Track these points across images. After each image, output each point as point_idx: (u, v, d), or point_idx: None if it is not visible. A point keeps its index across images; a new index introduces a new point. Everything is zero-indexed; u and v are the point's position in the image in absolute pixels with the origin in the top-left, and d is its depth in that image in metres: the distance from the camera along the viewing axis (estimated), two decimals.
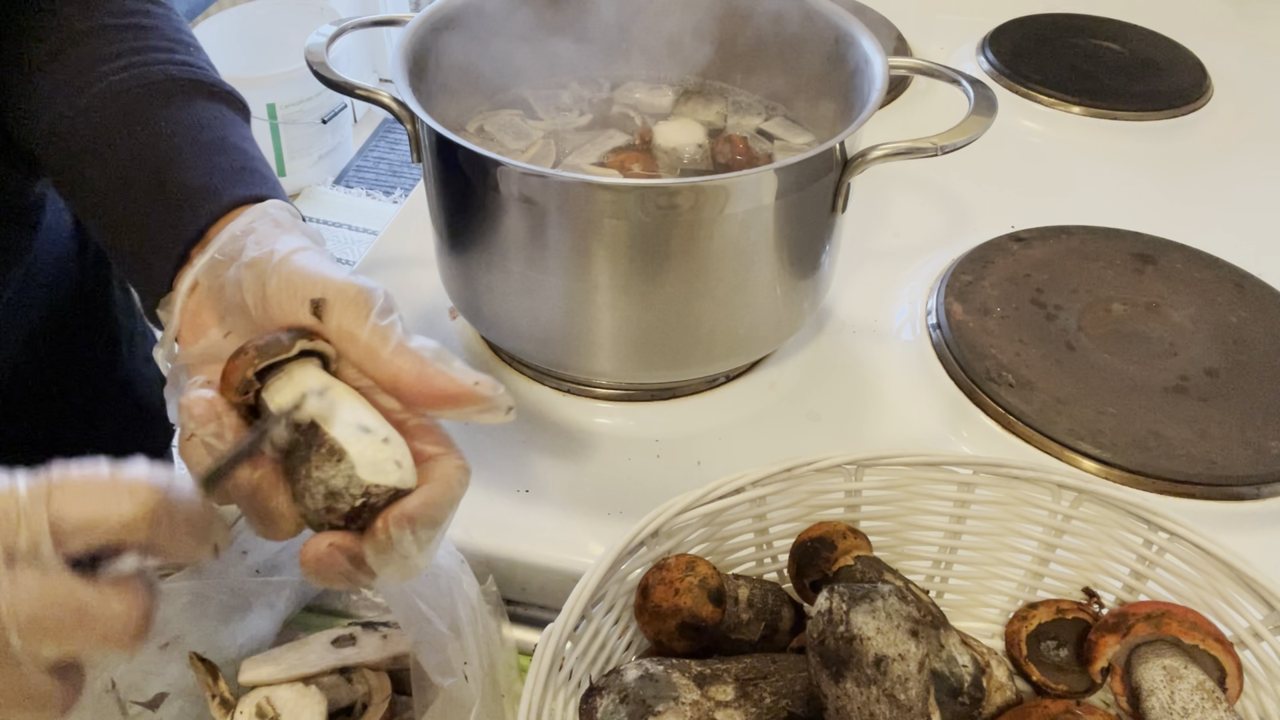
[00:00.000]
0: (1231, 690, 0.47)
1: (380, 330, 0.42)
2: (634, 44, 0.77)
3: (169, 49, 0.55)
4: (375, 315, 0.42)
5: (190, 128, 0.52)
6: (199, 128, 0.52)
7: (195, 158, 0.51)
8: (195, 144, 0.51)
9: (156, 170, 0.50)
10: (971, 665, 0.44)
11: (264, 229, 0.47)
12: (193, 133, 0.52)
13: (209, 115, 0.53)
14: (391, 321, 0.42)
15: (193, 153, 0.51)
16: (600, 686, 0.45)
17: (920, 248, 0.84)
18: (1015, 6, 1.16)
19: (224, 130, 0.53)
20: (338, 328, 0.42)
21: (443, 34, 0.68)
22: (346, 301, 0.42)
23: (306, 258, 0.44)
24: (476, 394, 0.41)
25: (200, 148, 0.51)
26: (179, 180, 0.49)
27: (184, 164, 0.50)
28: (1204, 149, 0.98)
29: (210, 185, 0.49)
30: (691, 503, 0.50)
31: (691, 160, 0.71)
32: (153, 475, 0.36)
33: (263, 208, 0.48)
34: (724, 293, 0.62)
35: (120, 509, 0.35)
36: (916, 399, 0.70)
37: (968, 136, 0.61)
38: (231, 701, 0.54)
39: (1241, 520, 0.62)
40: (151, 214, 0.49)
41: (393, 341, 0.42)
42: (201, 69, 0.56)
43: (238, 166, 0.51)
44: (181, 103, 0.53)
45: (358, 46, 2.79)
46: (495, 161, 0.57)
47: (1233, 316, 0.75)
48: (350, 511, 0.39)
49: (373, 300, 0.42)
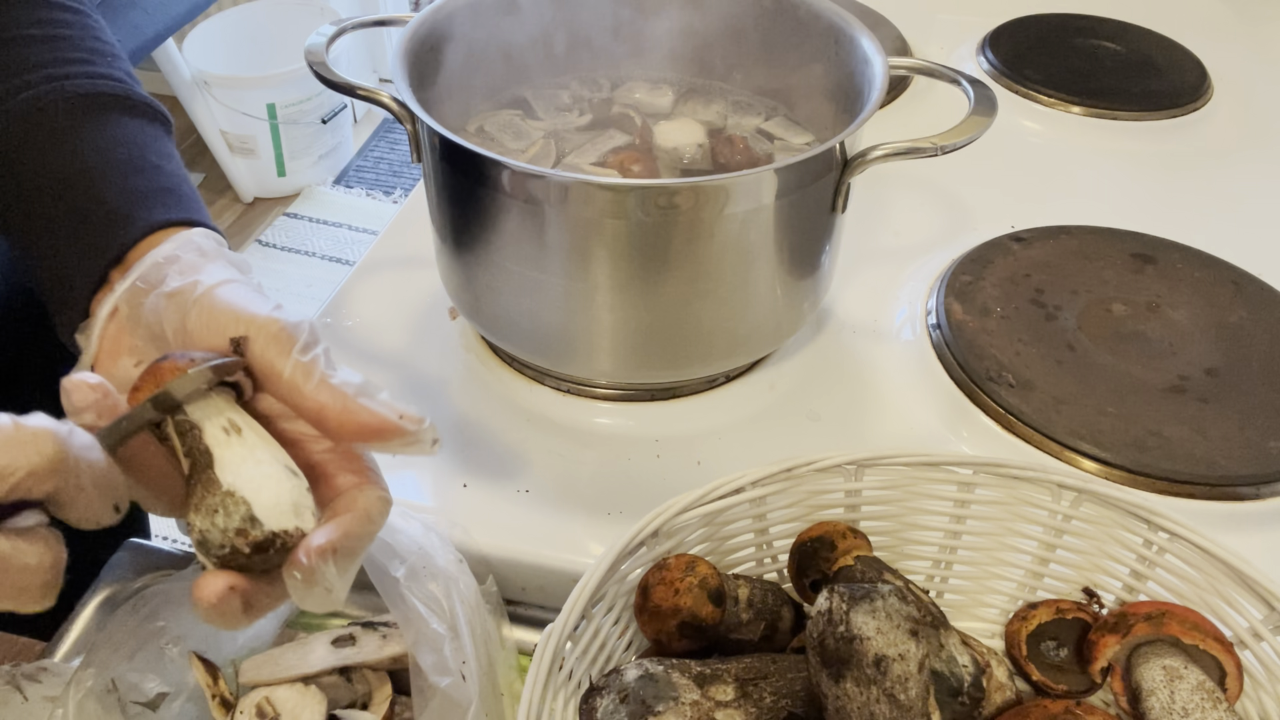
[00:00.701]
0: (1231, 690, 0.47)
1: (303, 366, 0.41)
2: (634, 44, 0.77)
3: (86, 60, 0.53)
4: (297, 351, 0.42)
5: (107, 146, 0.51)
6: (116, 145, 0.51)
7: (112, 178, 0.49)
8: (112, 163, 0.50)
9: (71, 191, 0.49)
10: (971, 665, 0.44)
11: (188, 257, 0.46)
12: (109, 151, 0.50)
13: (127, 132, 0.52)
14: (314, 357, 0.42)
15: (110, 173, 0.49)
16: (600, 686, 0.45)
17: (920, 248, 0.84)
18: (1015, 6, 1.16)
19: (142, 149, 0.52)
20: (260, 364, 0.42)
21: (443, 34, 0.68)
22: (269, 338, 0.42)
23: (231, 291, 0.44)
24: (399, 427, 0.41)
25: (117, 167, 0.50)
26: (95, 201, 0.48)
27: (99, 184, 0.49)
28: (1204, 149, 0.98)
29: (127, 207, 0.48)
30: (691, 503, 0.50)
31: (691, 160, 0.71)
32: (56, 426, 0.35)
33: (188, 235, 0.47)
34: (724, 293, 0.62)
35: (26, 457, 0.34)
36: (916, 399, 0.70)
37: (968, 136, 0.61)
38: (232, 701, 0.54)
39: (1241, 520, 0.63)
40: (66, 238, 0.48)
41: (315, 377, 0.41)
42: (120, 81, 0.54)
43: (157, 187, 0.50)
44: (98, 119, 0.51)
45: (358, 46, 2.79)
46: (495, 161, 0.57)
47: (1233, 316, 0.75)
48: (259, 543, 0.39)
49: (295, 335, 0.42)
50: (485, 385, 0.71)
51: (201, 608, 0.39)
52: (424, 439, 0.42)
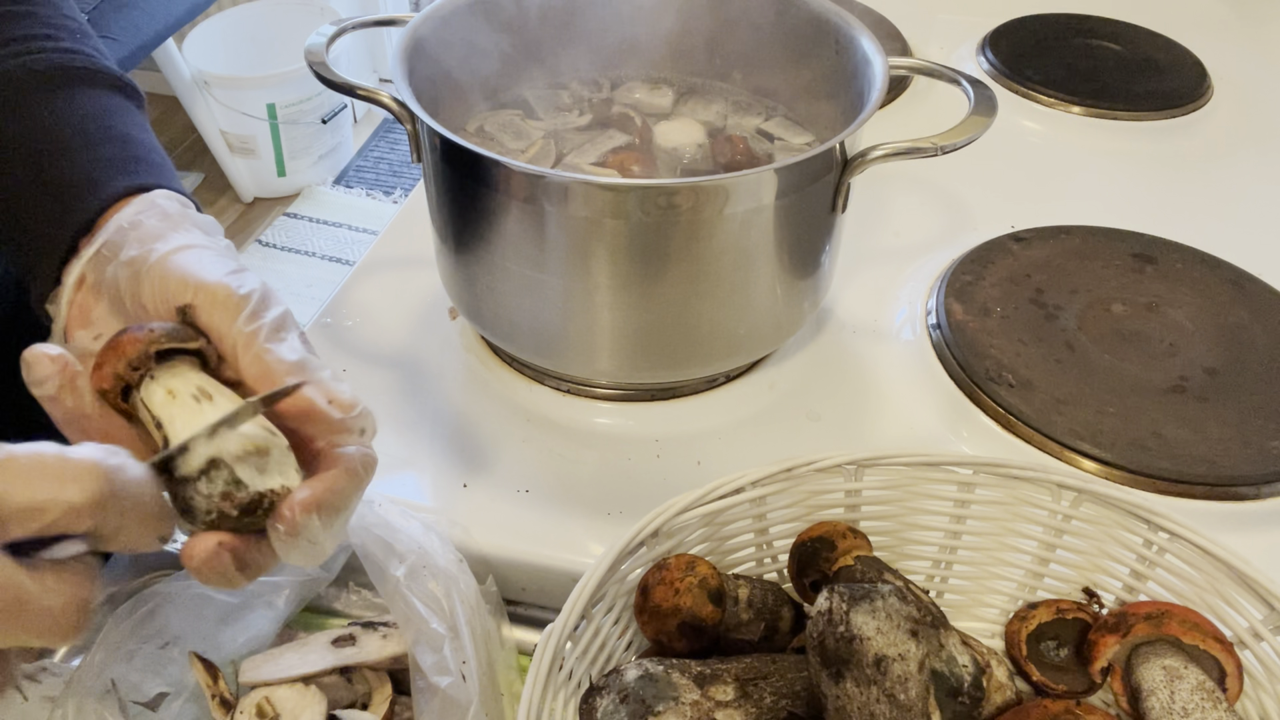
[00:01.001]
0: (1231, 690, 0.47)
1: (243, 335, 0.41)
2: (633, 44, 0.77)
3: (53, 35, 0.53)
4: (243, 319, 0.41)
5: (75, 117, 0.50)
6: (85, 117, 0.50)
7: (80, 148, 0.49)
8: (80, 134, 0.49)
9: (39, 162, 0.48)
10: (971, 665, 0.44)
11: (150, 223, 0.45)
12: (78, 122, 0.50)
13: (96, 104, 0.51)
14: (257, 326, 0.41)
15: (78, 143, 0.49)
16: (600, 686, 0.45)
17: (920, 248, 0.84)
18: (1015, 6, 1.16)
19: (111, 119, 0.51)
20: (208, 330, 0.41)
21: (443, 34, 0.68)
22: (214, 304, 0.41)
23: (185, 257, 0.43)
24: (324, 414, 0.40)
25: (85, 137, 0.49)
26: (63, 172, 0.48)
27: (68, 155, 0.48)
28: (1204, 149, 0.98)
29: (94, 176, 0.48)
30: (691, 503, 0.50)
31: (691, 160, 0.71)
32: (103, 459, 0.34)
33: (150, 198, 0.47)
34: (724, 293, 0.62)
35: (66, 494, 0.33)
36: (916, 399, 0.70)
37: (968, 136, 0.61)
38: (232, 701, 0.54)
39: (1241, 520, 0.62)
40: (35, 207, 0.48)
41: (252, 348, 0.41)
42: (89, 55, 0.53)
43: (126, 155, 0.49)
44: (66, 91, 0.51)
45: (358, 46, 2.79)
46: (495, 161, 0.57)
47: (1233, 316, 0.75)
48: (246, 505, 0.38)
49: (242, 302, 0.41)
50: (485, 385, 0.71)
51: (193, 567, 0.38)
52: (351, 428, 0.41)
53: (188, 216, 0.47)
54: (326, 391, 0.40)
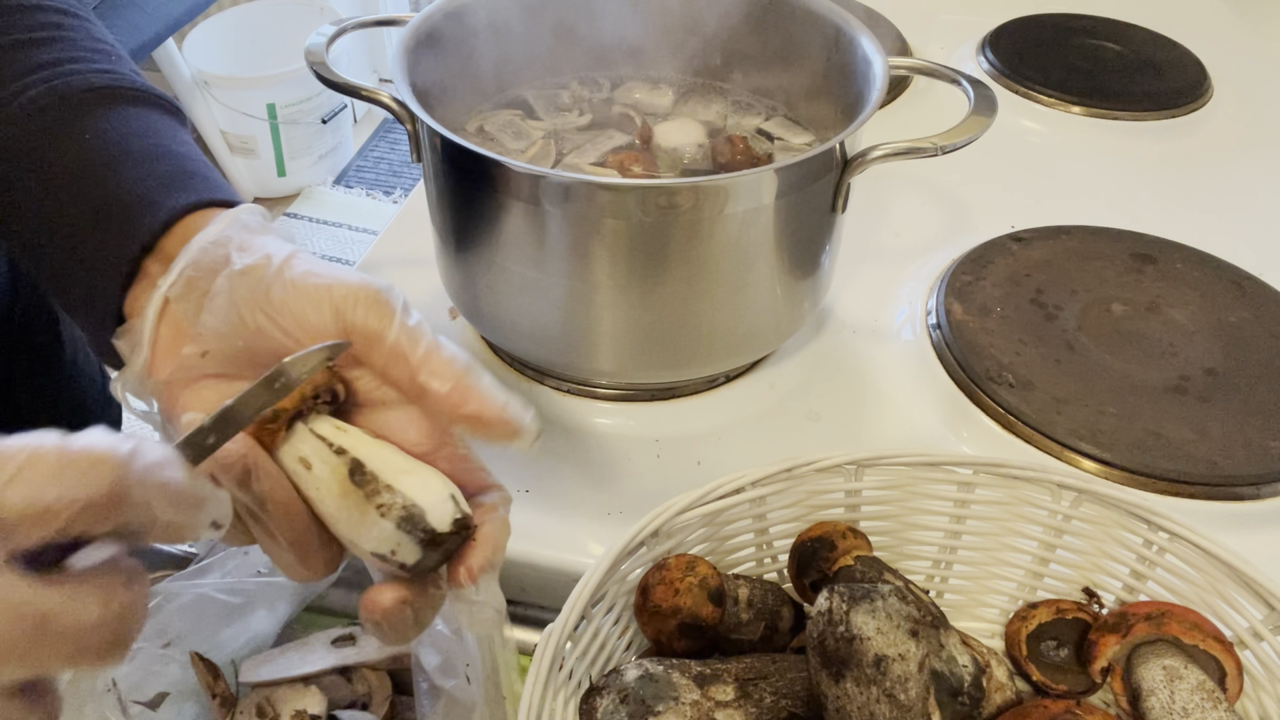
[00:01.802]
0: (1231, 690, 0.47)
1: (409, 332, 0.38)
2: (634, 44, 0.77)
3: (87, 58, 0.50)
4: (400, 315, 0.38)
5: (119, 137, 0.47)
6: (129, 136, 0.47)
7: (127, 168, 0.45)
8: (126, 154, 0.46)
9: (84, 188, 0.45)
10: (971, 665, 0.44)
11: (241, 235, 0.42)
12: (122, 141, 0.47)
13: (139, 123, 0.48)
14: (419, 322, 0.39)
15: (124, 163, 0.46)
16: (600, 686, 0.45)
17: (920, 248, 0.84)
18: (1015, 6, 1.16)
19: (157, 136, 0.48)
20: (363, 332, 0.38)
21: (443, 34, 0.68)
22: (369, 304, 0.39)
23: (307, 260, 0.41)
24: (506, 420, 0.38)
25: (131, 157, 0.46)
26: (111, 195, 0.45)
27: (115, 177, 0.45)
28: (1204, 149, 0.98)
29: (149, 195, 0.44)
30: (691, 503, 0.50)
31: (691, 160, 0.71)
32: (112, 446, 0.30)
33: (234, 214, 0.44)
34: (724, 293, 0.62)
35: (77, 489, 0.29)
36: (916, 399, 0.70)
37: (968, 136, 0.61)
38: (232, 701, 0.54)
39: (1241, 520, 0.63)
40: (83, 236, 0.44)
41: (423, 345, 0.38)
42: (125, 75, 0.51)
43: (177, 171, 0.46)
44: (105, 111, 0.48)
45: (358, 46, 2.79)
46: (495, 161, 0.57)
47: (1233, 316, 0.75)
48: (432, 539, 0.37)
49: (395, 299, 0.39)
50: None
51: (374, 620, 0.37)
52: (527, 434, 0.39)
53: (271, 228, 0.44)
54: (499, 396, 0.39)
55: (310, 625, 0.59)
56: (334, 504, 0.38)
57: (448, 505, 0.38)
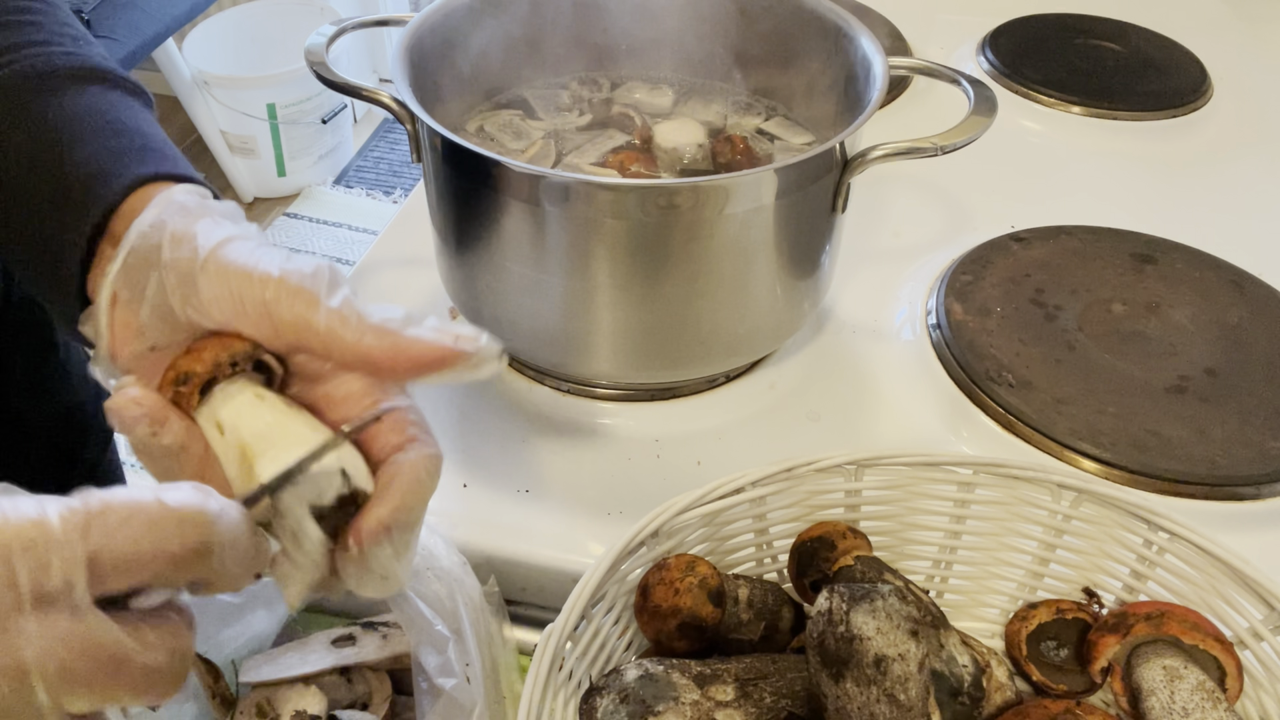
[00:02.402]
0: (1231, 690, 0.47)
1: (336, 313, 0.38)
2: (634, 44, 0.77)
3: (54, 41, 0.50)
4: (324, 298, 0.39)
5: (79, 115, 0.47)
6: (89, 113, 0.47)
7: (84, 144, 0.45)
8: (87, 130, 0.46)
9: (44, 163, 0.45)
10: (971, 665, 0.44)
11: (176, 221, 0.42)
12: (82, 119, 0.46)
13: (100, 101, 0.48)
14: (344, 299, 0.39)
15: (82, 139, 0.45)
16: (600, 686, 0.45)
17: (920, 248, 0.84)
18: (1015, 6, 1.16)
19: (116, 113, 0.48)
20: (291, 322, 0.39)
21: (442, 34, 0.68)
22: (291, 295, 0.39)
23: (234, 250, 0.40)
24: (458, 351, 0.38)
25: (91, 133, 0.46)
26: (69, 168, 0.44)
27: (74, 151, 0.45)
28: (1204, 149, 0.98)
29: (104, 169, 0.44)
30: (691, 503, 0.50)
31: (692, 160, 0.71)
32: (205, 504, 0.32)
33: (167, 195, 0.43)
34: (724, 293, 0.62)
35: (170, 544, 0.31)
36: (916, 399, 0.70)
37: (968, 136, 0.61)
38: (232, 701, 0.54)
39: (1241, 520, 0.63)
40: (44, 210, 0.44)
41: (351, 320, 0.38)
42: (90, 57, 0.50)
43: (135, 146, 0.46)
44: (68, 91, 0.47)
45: (358, 46, 2.79)
46: (495, 161, 0.57)
47: (1233, 316, 0.75)
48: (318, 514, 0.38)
49: (317, 284, 0.39)
50: (485, 385, 0.71)
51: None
52: (487, 356, 0.38)
53: (209, 208, 0.44)
54: (447, 333, 0.38)
55: (310, 625, 0.59)
56: (233, 471, 0.39)
57: (335, 479, 0.38)
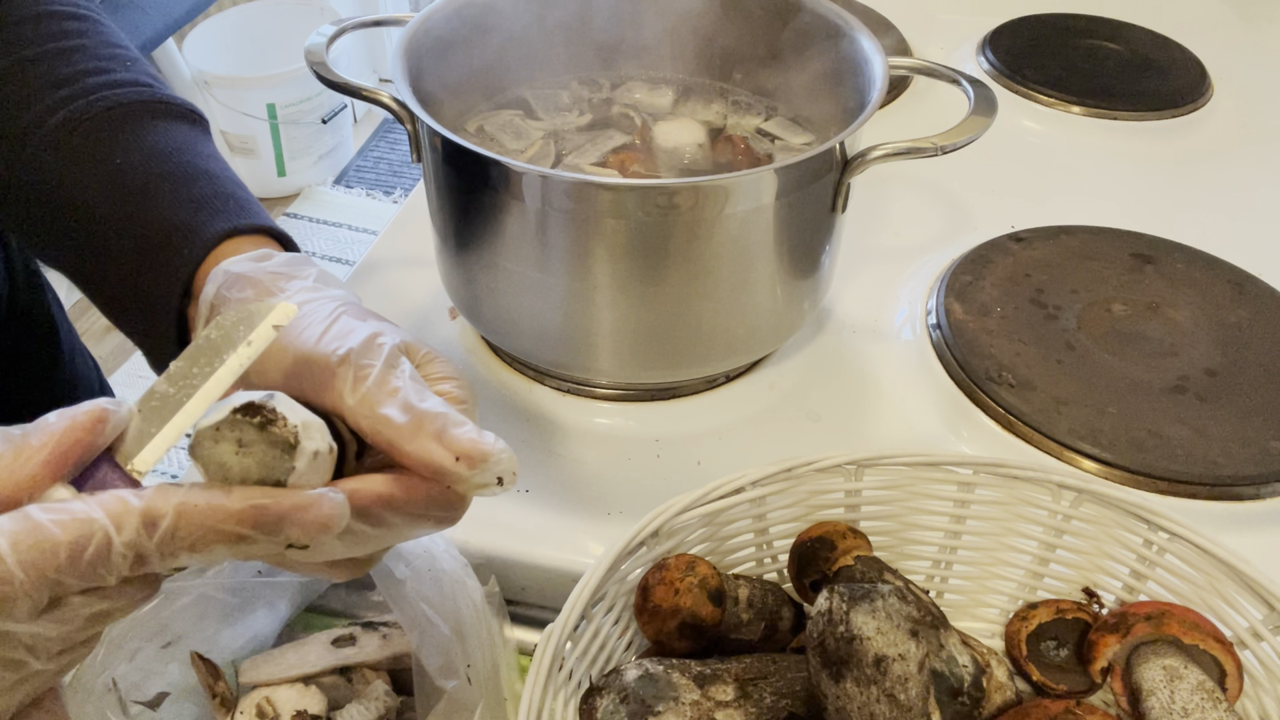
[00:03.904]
0: (1231, 690, 0.47)
1: (355, 410, 0.38)
2: (633, 44, 0.77)
3: (104, 69, 0.50)
4: (348, 390, 0.38)
5: (147, 159, 0.47)
6: (157, 157, 0.47)
7: (162, 194, 0.46)
8: (157, 177, 0.47)
9: (124, 218, 0.45)
10: (971, 665, 0.44)
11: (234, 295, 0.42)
12: (151, 164, 0.47)
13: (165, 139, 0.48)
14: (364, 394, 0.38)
15: (158, 189, 0.46)
16: (600, 686, 0.45)
17: (920, 248, 0.84)
18: (1015, 6, 1.16)
19: (184, 154, 0.48)
20: (324, 407, 0.39)
21: (443, 34, 0.68)
22: (321, 376, 0.39)
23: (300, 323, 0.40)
24: (451, 472, 0.38)
25: (163, 180, 0.47)
26: (152, 224, 0.45)
27: (150, 204, 0.46)
28: (1204, 149, 0.98)
29: (184, 222, 0.45)
30: (691, 503, 0.50)
31: (692, 160, 0.71)
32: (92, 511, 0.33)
33: (223, 268, 0.43)
34: (724, 293, 0.62)
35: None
36: (916, 399, 0.70)
37: (968, 136, 0.61)
38: (232, 701, 0.54)
39: (1241, 520, 0.63)
40: (132, 268, 0.45)
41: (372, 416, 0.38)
42: (146, 86, 0.50)
43: (209, 193, 0.47)
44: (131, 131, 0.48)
45: (358, 46, 2.79)
46: (495, 161, 0.57)
47: (1233, 316, 0.75)
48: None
49: (343, 369, 0.38)
50: (485, 385, 0.71)
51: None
52: (486, 481, 0.39)
53: (266, 272, 0.43)
54: (452, 444, 0.38)
55: (310, 625, 0.59)
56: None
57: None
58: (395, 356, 0.39)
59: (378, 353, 0.39)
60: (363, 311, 0.43)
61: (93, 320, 2.13)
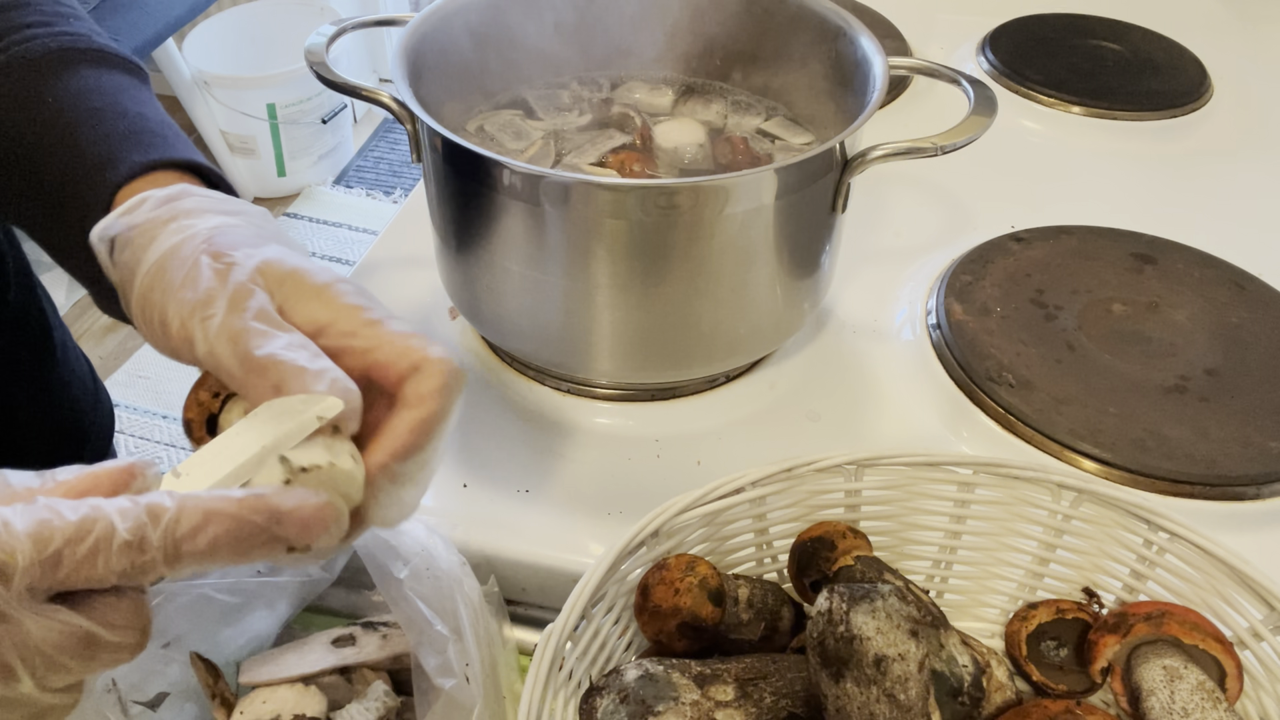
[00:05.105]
0: (1231, 690, 0.47)
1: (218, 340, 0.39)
2: (633, 44, 0.77)
3: (47, 23, 0.51)
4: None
5: (78, 97, 0.48)
6: (88, 94, 0.49)
7: (89, 127, 0.47)
8: (87, 113, 0.48)
9: (54, 151, 0.47)
10: (971, 665, 0.44)
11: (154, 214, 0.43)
12: (82, 101, 0.48)
13: (98, 81, 0.50)
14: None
15: (85, 123, 0.47)
16: (600, 686, 0.45)
17: (920, 248, 0.84)
18: (1015, 6, 1.16)
19: (115, 95, 0.49)
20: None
21: (443, 34, 0.68)
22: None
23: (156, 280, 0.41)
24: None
25: (92, 116, 0.48)
26: (76, 156, 0.46)
27: (77, 137, 0.47)
28: (1204, 149, 0.98)
29: (107, 154, 0.46)
30: (691, 503, 0.50)
31: (692, 160, 0.71)
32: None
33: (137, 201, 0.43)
34: (724, 293, 0.62)
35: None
36: (916, 399, 0.70)
37: (968, 136, 0.61)
38: (232, 701, 0.54)
39: (1241, 520, 0.63)
40: (65, 197, 0.46)
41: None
42: (84, 36, 0.52)
43: (134, 129, 0.48)
44: (66, 73, 0.49)
45: (358, 46, 2.79)
46: (495, 161, 0.57)
47: (1233, 316, 0.75)
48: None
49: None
50: (485, 385, 0.71)
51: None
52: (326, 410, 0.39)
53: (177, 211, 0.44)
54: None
55: (310, 625, 0.59)
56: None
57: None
58: (242, 295, 0.39)
59: (222, 295, 0.39)
60: (233, 237, 0.42)
61: (92, 320, 2.13)
